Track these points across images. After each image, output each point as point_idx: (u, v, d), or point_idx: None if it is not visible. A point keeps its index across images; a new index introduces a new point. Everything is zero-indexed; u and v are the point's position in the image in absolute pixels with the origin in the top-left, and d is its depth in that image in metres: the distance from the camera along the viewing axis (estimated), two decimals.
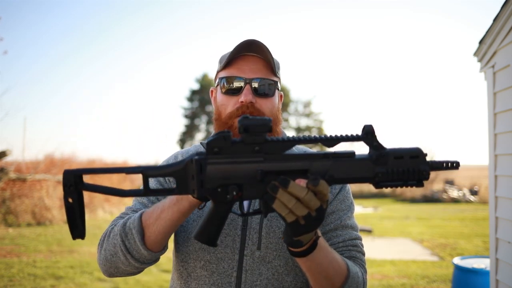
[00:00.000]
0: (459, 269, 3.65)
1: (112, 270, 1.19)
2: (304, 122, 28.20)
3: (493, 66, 3.09)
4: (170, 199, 1.08)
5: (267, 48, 1.26)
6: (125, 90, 40.63)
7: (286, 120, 27.43)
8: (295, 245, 0.96)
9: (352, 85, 45.69)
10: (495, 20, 2.99)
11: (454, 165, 0.93)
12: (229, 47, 1.30)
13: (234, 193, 0.90)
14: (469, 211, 14.63)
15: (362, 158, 0.91)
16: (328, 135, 0.91)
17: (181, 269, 1.31)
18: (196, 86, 27.31)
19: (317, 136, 0.91)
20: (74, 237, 0.92)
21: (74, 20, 33.75)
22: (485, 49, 3.17)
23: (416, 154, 0.92)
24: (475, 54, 3.32)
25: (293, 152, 1.32)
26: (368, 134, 0.90)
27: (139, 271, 1.20)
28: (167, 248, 1.21)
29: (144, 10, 42.16)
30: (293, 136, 0.92)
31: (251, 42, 1.25)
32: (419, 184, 0.92)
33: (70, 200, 0.89)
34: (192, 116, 27.52)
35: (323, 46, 45.41)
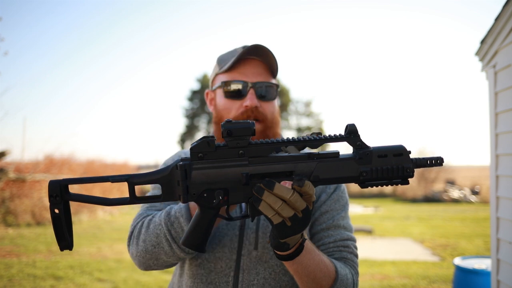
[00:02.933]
0: (460, 270, 3.63)
1: (151, 262, 1.16)
2: (304, 122, 28.19)
3: (494, 66, 3.07)
4: None
5: (271, 53, 1.27)
6: (125, 90, 40.65)
7: (286, 120, 27.42)
8: (281, 248, 0.95)
9: (353, 85, 45.69)
10: (496, 19, 2.98)
11: (438, 162, 0.93)
12: (229, 47, 1.30)
13: (220, 197, 0.89)
14: (470, 211, 14.61)
15: (347, 158, 0.92)
16: (312, 136, 0.91)
17: (178, 266, 1.32)
18: (196, 86, 27.31)
19: (301, 137, 0.91)
20: (61, 249, 0.91)
21: (74, 20, 33.78)
22: (487, 49, 3.15)
23: (400, 152, 0.92)
24: (477, 53, 3.30)
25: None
26: (351, 134, 0.90)
27: (177, 262, 1.18)
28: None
29: (144, 10, 42.19)
30: (276, 139, 0.92)
31: (257, 47, 1.25)
32: (404, 182, 0.93)
33: (57, 210, 0.87)
34: (192, 116, 27.51)
35: (323, 46, 45.41)
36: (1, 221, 10.21)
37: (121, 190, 14.24)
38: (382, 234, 9.77)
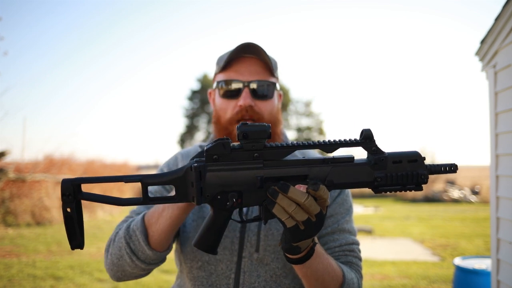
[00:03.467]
0: (460, 270, 3.63)
1: (119, 274, 1.18)
2: (304, 122, 28.19)
3: (494, 66, 3.07)
4: (168, 206, 1.08)
5: (263, 50, 1.25)
6: (126, 90, 40.66)
7: (286, 120, 27.41)
8: (293, 252, 0.95)
9: (353, 85, 45.68)
10: (496, 19, 2.98)
11: (452, 169, 0.94)
12: (229, 47, 1.30)
13: (234, 200, 0.89)
14: (470, 211, 14.60)
15: (361, 163, 0.92)
16: (327, 141, 0.91)
17: (179, 268, 1.32)
18: (196, 86, 27.32)
19: (316, 141, 0.91)
20: (72, 247, 0.92)
21: (74, 20, 33.78)
22: (487, 49, 3.15)
23: (415, 158, 0.92)
24: (477, 53, 3.30)
25: (295, 156, 1.30)
26: (366, 139, 0.90)
27: (146, 273, 1.19)
28: (172, 247, 1.21)
29: (144, 10, 42.18)
30: (291, 142, 0.91)
31: (248, 45, 1.24)
32: (418, 188, 0.93)
33: (69, 209, 0.88)
34: (192, 116, 27.51)
35: (323, 46, 45.41)
36: (1, 221, 10.20)
37: (121, 190, 14.26)
38: (382, 234, 9.76)
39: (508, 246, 2.86)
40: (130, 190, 15.06)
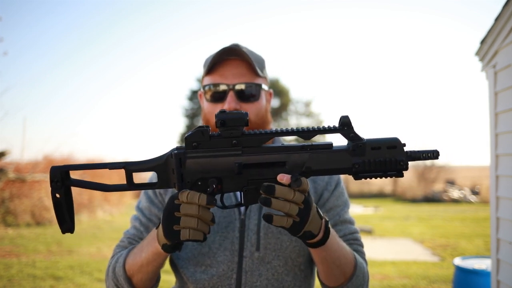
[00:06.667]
0: (460, 270, 3.63)
1: None
2: (304, 122, 28.15)
3: (494, 66, 3.07)
4: (146, 257, 1.10)
5: (246, 52, 1.25)
6: (125, 90, 40.60)
7: (286, 120, 27.41)
8: (305, 237, 0.95)
9: (353, 85, 45.67)
10: (496, 19, 2.98)
11: (433, 155, 0.92)
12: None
13: (214, 186, 0.91)
14: (470, 211, 14.61)
15: (340, 150, 0.92)
16: (305, 128, 0.91)
17: (180, 274, 1.30)
18: (196, 86, 27.30)
19: (294, 128, 0.91)
20: (63, 231, 0.95)
21: (74, 20, 33.70)
22: (487, 49, 3.15)
23: (394, 145, 0.91)
24: (477, 53, 3.30)
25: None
26: (344, 126, 0.90)
27: None
28: (160, 278, 1.24)
29: (144, 10, 42.15)
30: (270, 129, 0.92)
31: (230, 47, 1.25)
32: (399, 174, 0.92)
33: (58, 195, 0.92)
34: (192, 116, 27.51)
35: (323, 46, 45.40)
36: (1, 221, 10.20)
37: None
38: (382, 234, 9.77)
39: (508, 246, 2.86)
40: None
